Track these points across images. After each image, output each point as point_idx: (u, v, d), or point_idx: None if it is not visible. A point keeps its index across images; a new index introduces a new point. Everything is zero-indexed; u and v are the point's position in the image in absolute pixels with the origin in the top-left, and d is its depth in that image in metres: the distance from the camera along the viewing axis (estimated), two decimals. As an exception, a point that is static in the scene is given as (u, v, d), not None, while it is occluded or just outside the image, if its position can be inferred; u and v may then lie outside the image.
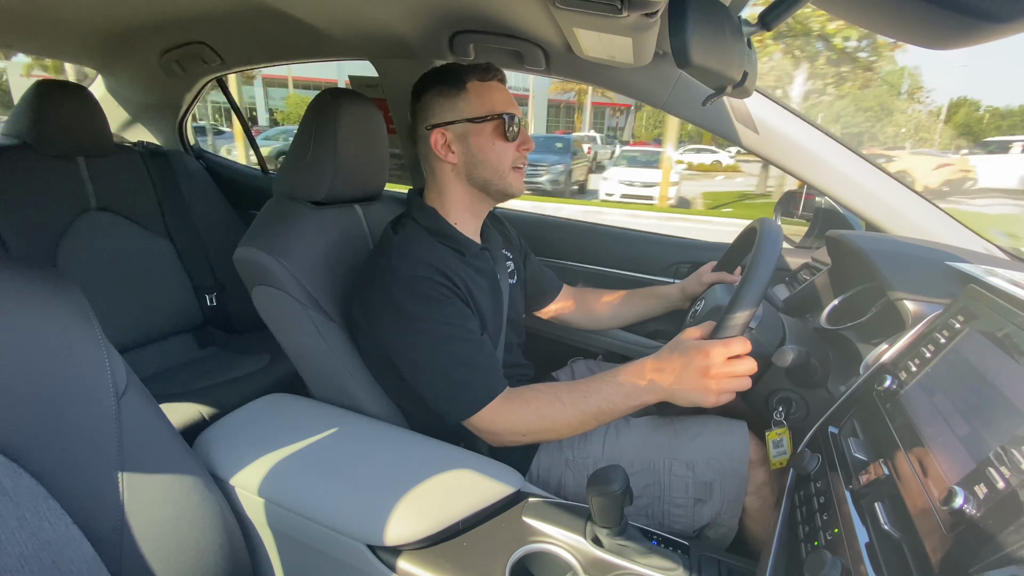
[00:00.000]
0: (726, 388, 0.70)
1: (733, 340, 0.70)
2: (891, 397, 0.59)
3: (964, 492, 0.40)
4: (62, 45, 1.48)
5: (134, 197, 1.49)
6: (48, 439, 0.48)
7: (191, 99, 1.75)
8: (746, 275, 0.73)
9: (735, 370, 0.70)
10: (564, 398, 0.77)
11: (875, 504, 0.48)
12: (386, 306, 0.79)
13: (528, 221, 1.55)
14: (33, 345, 0.48)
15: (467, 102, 0.85)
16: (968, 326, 0.57)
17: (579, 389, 0.77)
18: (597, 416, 0.76)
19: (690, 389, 0.71)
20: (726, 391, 0.70)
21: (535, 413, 0.77)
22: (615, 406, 0.75)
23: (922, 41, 0.53)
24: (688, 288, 1.10)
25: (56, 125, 1.31)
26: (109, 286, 1.38)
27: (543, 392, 0.79)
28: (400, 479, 0.68)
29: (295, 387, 0.98)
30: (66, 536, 0.47)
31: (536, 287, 1.16)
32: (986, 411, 0.46)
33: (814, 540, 0.52)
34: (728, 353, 0.70)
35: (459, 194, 0.89)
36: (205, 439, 0.77)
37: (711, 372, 0.69)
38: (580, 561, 0.61)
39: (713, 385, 0.70)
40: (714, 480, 0.81)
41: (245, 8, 1.15)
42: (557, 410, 0.77)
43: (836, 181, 0.99)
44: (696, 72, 0.60)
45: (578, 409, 0.76)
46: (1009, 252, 0.94)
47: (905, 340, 0.65)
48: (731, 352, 0.70)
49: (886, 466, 0.51)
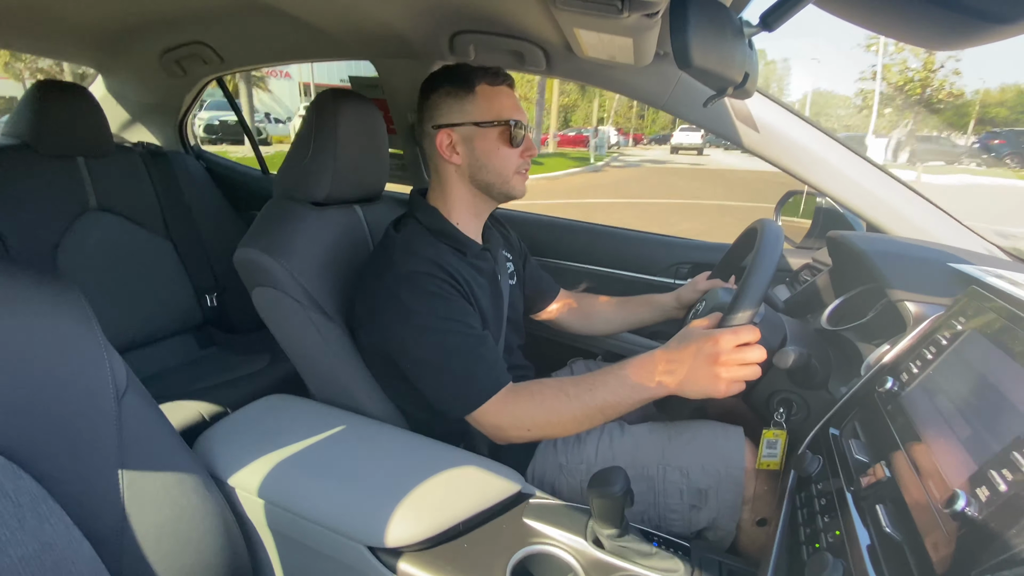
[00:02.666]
0: (736, 376, 0.69)
1: (742, 328, 0.69)
2: (892, 398, 0.59)
3: (966, 494, 0.40)
4: (62, 45, 1.48)
5: (134, 197, 1.49)
6: (48, 440, 0.48)
7: (191, 99, 1.75)
8: (748, 273, 0.73)
9: (745, 357, 0.68)
10: (570, 391, 0.75)
11: (876, 506, 0.48)
12: (388, 302, 0.79)
13: (528, 222, 1.55)
14: (33, 346, 0.48)
15: (475, 105, 0.85)
16: (970, 327, 0.57)
17: (585, 383, 0.75)
18: (603, 410, 0.74)
19: (700, 378, 0.70)
20: (737, 379, 0.69)
21: (540, 407, 0.76)
22: (621, 399, 0.74)
23: (923, 41, 0.53)
24: (684, 297, 1.09)
25: (56, 125, 1.31)
26: (109, 286, 1.38)
27: (548, 386, 0.78)
28: (400, 480, 0.68)
29: (295, 388, 0.98)
30: (67, 537, 0.47)
31: (534, 289, 1.16)
32: (988, 413, 0.46)
33: (815, 542, 0.52)
34: (738, 340, 0.68)
35: (462, 194, 0.90)
36: (205, 440, 0.77)
37: (721, 359, 0.68)
38: (581, 562, 0.61)
39: (724, 373, 0.68)
40: (709, 487, 0.80)
41: (245, 8, 1.15)
42: (563, 403, 0.75)
43: (837, 181, 0.99)
44: (697, 73, 0.60)
45: (583, 402, 0.74)
46: (1010, 253, 0.94)
47: (906, 341, 0.65)
48: (741, 339, 0.68)
49: (887, 468, 0.51)
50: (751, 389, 0.82)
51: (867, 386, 0.66)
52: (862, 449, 0.57)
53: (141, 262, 1.47)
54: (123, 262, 1.42)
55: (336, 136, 0.94)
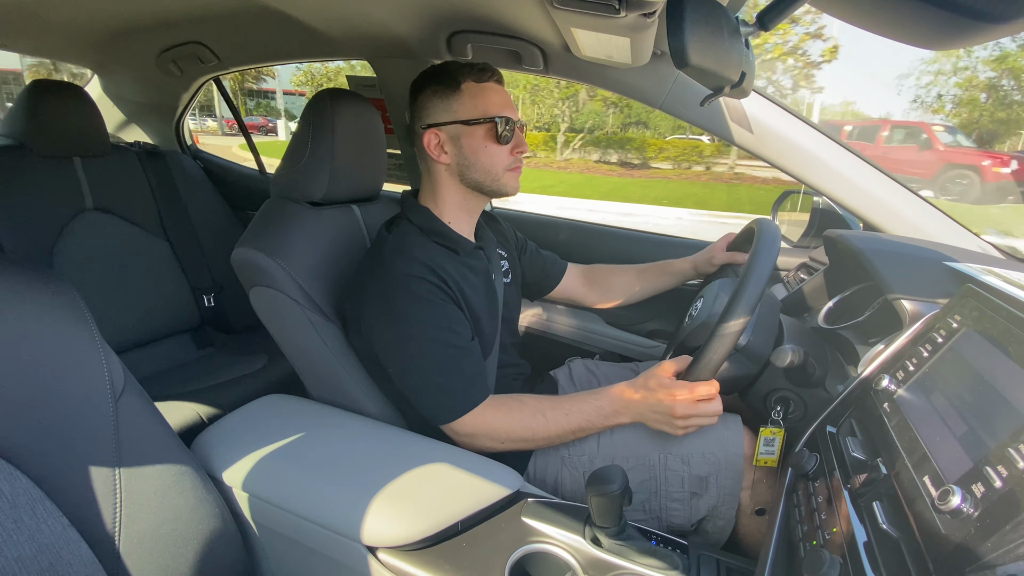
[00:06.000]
0: (690, 427, 0.77)
1: (699, 385, 0.74)
2: (889, 397, 0.59)
3: (962, 491, 0.40)
4: (58, 45, 1.47)
5: (131, 197, 1.49)
6: (45, 441, 0.48)
7: (188, 99, 1.75)
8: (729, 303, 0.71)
9: (699, 412, 0.75)
10: (548, 413, 0.81)
11: (873, 503, 0.48)
12: (377, 304, 0.79)
13: (528, 221, 1.55)
14: (30, 347, 0.48)
15: (460, 103, 0.84)
16: (965, 326, 0.57)
17: (563, 407, 0.81)
18: (576, 433, 0.82)
19: (660, 424, 0.78)
20: (690, 429, 0.77)
21: (517, 424, 0.80)
22: (594, 425, 0.81)
23: (920, 41, 0.53)
24: (700, 266, 1.11)
25: (52, 125, 1.30)
26: (106, 287, 1.38)
27: (527, 404, 0.82)
28: (399, 480, 0.68)
29: (293, 388, 0.98)
30: (64, 538, 0.47)
31: (539, 273, 1.16)
32: (983, 410, 0.46)
33: (812, 539, 0.52)
34: (693, 399, 0.74)
35: (453, 193, 0.89)
36: (203, 440, 0.77)
37: (676, 413, 0.75)
38: (579, 561, 0.61)
39: (679, 423, 0.76)
40: (709, 473, 0.82)
41: (242, 8, 1.15)
42: (539, 424, 0.80)
43: (834, 181, 0.99)
44: (694, 72, 0.60)
45: (559, 425, 0.81)
46: (1005, 251, 0.94)
47: (903, 340, 0.66)
48: (697, 397, 0.74)
49: (884, 465, 0.51)
50: (748, 388, 0.82)
51: (864, 384, 0.66)
52: (859, 447, 0.57)
53: (138, 262, 1.46)
54: (120, 262, 1.42)
55: (333, 136, 0.94)
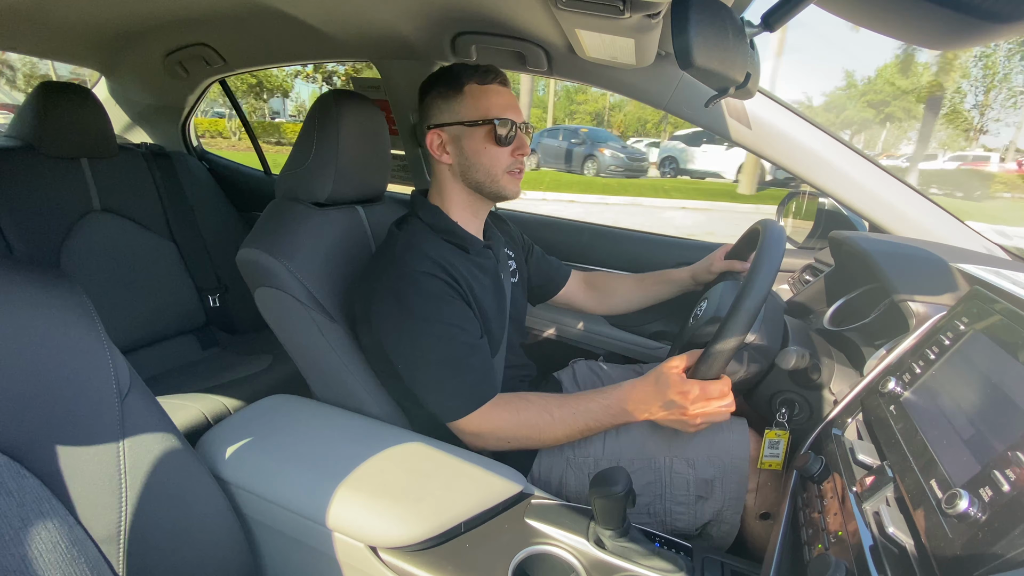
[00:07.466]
0: (703, 424, 0.75)
1: (711, 384, 0.73)
2: (895, 399, 0.59)
3: (969, 495, 0.39)
4: (65, 47, 1.48)
5: (137, 198, 1.50)
6: (52, 440, 0.48)
7: (194, 100, 1.76)
8: (736, 301, 0.70)
9: (711, 410, 0.74)
10: (555, 412, 0.80)
11: (879, 507, 0.48)
12: (387, 300, 0.80)
13: (530, 222, 1.55)
14: (37, 346, 0.48)
15: (463, 105, 0.85)
16: (973, 328, 0.57)
17: (569, 406, 0.80)
18: (583, 432, 0.80)
19: (672, 422, 0.77)
20: (703, 426, 0.76)
21: (524, 423, 0.80)
22: (601, 424, 0.80)
23: (924, 41, 0.53)
24: (699, 275, 1.11)
25: (60, 127, 1.31)
26: (112, 287, 1.39)
27: (534, 403, 0.81)
28: (402, 480, 0.68)
29: (297, 388, 0.98)
30: (69, 536, 0.47)
31: (543, 277, 1.17)
32: (991, 413, 0.46)
33: (817, 543, 0.52)
34: (705, 396, 0.73)
35: (457, 194, 0.90)
36: (208, 440, 0.77)
37: (688, 412, 0.74)
38: (583, 563, 0.61)
39: (691, 422, 0.75)
40: (715, 477, 0.81)
41: (248, 10, 1.15)
42: (546, 423, 0.80)
43: (840, 182, 0.99)
44: (699, 73, 0.60)
45: (566, 425, 0.79)
46: (1012, 253, 0.93)
47: (909, 342, 0.65)
48: (709, 395, 0.73)
49: (890, 468, 0.51)
50: (752, 390, 0.82)
51: (870, 387, 0.66)
52: (864, 450, 0.57)
53: (144, 263, 1.47)
54: (126, 263, 1.43)
55: (338, 137, 0.94)
